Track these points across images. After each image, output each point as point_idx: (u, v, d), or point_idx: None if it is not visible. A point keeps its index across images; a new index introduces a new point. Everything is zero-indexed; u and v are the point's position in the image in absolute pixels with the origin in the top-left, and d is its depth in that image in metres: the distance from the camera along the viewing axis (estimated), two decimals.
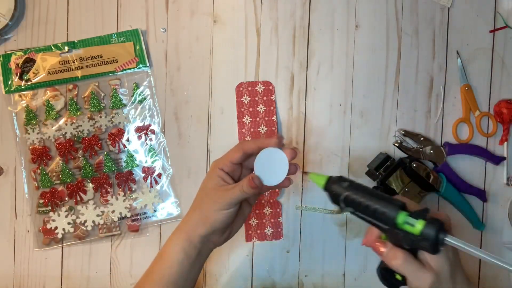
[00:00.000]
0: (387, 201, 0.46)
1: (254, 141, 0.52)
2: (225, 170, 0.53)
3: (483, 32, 0.73)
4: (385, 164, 0.69)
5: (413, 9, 0.73)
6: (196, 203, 0.55)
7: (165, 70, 0.73)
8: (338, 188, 0.48)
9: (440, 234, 0.43)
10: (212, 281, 0.73)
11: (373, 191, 0.47)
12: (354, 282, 0.73)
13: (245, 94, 0.73)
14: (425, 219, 0.44)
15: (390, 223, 0.45)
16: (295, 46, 0.73)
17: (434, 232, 0.43)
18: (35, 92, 0.72)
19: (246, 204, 0.57)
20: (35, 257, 0.73)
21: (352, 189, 0.48)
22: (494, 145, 0.73)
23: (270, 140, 0.51)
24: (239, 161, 0.53)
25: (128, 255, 0.73)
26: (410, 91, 0.73)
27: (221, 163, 0.53)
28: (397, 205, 0.45)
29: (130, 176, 0.72)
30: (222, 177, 0.53)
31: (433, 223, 0.43)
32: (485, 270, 0.73)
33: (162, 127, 0.73)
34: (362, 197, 0.47)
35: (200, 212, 0.53)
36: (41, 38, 0.73)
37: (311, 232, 0.73)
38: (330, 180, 0.49)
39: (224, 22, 0.73)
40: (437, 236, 0.43)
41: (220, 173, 0.53)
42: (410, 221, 0.44)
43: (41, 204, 0.71)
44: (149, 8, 0.73)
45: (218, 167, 0.53)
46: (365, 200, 0.46)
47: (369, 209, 0.46)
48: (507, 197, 0.73)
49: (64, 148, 0.71)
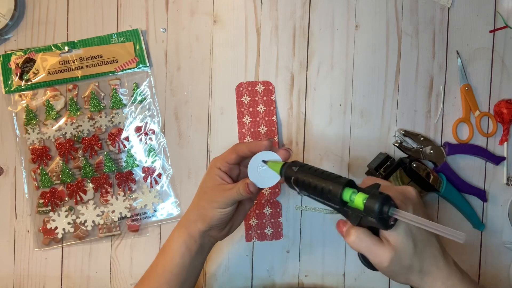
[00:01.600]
0: (333, 180, 0.46)
1: (247, 145, 0.53)
2: (222, 170, 0.54)
3: (483, 32, 0.73)
4: (385, 164, 0.69)
5: (413, 9, 0.73)
6: (195, 200, 0.56)
7: (165, 70, 0.73)
8: (290, 172, 0.49)
9: (384, 207, 0.42)
10: (212, 281, 0.73)
11: (323, 172, 0.47)
12: (354, 282, 0.73)
13: (245, 94, 0.73)
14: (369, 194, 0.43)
15: (338, 201, 0.45)
16: (295, 46, 0.73)
17: (377, 206, 0.42)
18: (35, 92, 0.72)
19: (247, 201, 0.57)
20: (35, 257, 0.73)
21: (301, 171, 0.48)
22: (494, 145, 0.73)
23: (261, 144, 0.52)
24: (234, 162, 0.54)
25: (128, 255, 0.73)
26: (410, 91, 0.73)
27: (218, 162, 0.54)
28: (342, 182, 0.45)
29: (130, 176, 0.72)
30: (220, 176, 0.53)
31: (376, 197, 0.42)
32: (485, 269, 0.73)
33: (162, 127, 0.73)
34: (310, 178, 0.47)
35: (198, 209, 0.54)
36: (41, 38, 0.73)
37: (311, 232, 0.73)
38: (283, 165, 0.50)
39: (224, 22, 0.73)
40: (380, 209, 0.42)
41: (218, 172, 0.54)
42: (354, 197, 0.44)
43: (41, 204, 0.71)
44: (149, 8, 0.73)
45: (216, 166, 0.54)
46: (313, 181, 0.47)
47: (317, 189, 0.46)
48: (507, 197, 0.73)
49: (64, 148, 0.71)
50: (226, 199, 0.52)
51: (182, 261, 0.54)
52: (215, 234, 0.56)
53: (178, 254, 0.54)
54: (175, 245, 0.55)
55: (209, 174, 0.54)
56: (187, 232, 0.55)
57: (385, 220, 0.43)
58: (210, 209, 0.53)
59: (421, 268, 0.46)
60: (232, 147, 0.54)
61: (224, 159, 0.53)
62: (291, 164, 0.50)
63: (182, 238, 0.55)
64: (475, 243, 0.73)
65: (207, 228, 0.54)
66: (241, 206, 0.56)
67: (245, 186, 0.50)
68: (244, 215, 0.58)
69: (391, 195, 0.44)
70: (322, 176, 0.47)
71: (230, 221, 0.56)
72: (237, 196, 0.51)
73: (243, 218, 0.58)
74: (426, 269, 0.46)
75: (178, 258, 0.54)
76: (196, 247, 0.55)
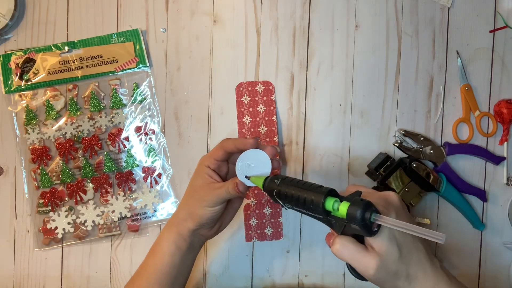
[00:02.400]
0: (314, 190, 0.46)
1: (233, 141, 0.53)
2: (211, 168, 0.54)
3: (483, 32, 0.73)
4: (385, 164, 0.69)
5: (413, 9, 0.73)
6: (185, 199, 0.56)
7: (165, 70, 0.73)
8: (272, 185, 0.49)
9: (366, 213, 0.42)
10: (212, 281, 0.73)
11: (304, 184, 0.47)
12: (354, 282, 0.73)
13: (245, 94, 0.73)
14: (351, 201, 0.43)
15: (321, 210, 0.45)
16: (295, 46, 0.73)
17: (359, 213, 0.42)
18: (35, 92, 0.72)
19: (236, 199, 0.58)
20: (35, 257, 0.73)
21: (283, 184, 0.48)
22: (494, 145, 0.73)
23: (247, 142, 0.52)
24: (222, 159, 0.54)
25: (128, 255, 0.73)
26: (410, 91, 0.73)
27: (206, 160, 0.54)
28: (324, 192, 0.45)
29: (130, 176, 0.72)
30: (209, 174, 0.54)
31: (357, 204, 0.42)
32: (485, 270, 0.73)
33: (162, 127, 0.73)
34: (292, 189, 0.47)
35: (188, 208, 0.55)
36: (41, 38, 0.73)
37: (311, 232, 0.73)
38: (265, 180, 0.50)
39: (224, 22, 0.73)
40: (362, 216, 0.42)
41: (207, 170, 0.54)
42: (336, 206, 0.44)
43: (41, 204, 0.71)
44: (149, 8, 0.73)
45: (204, 165, 0.54)
46: (295, 192, 0.47)
47: (300, 200, 0.46)
48: (507, 197, 0.73)
49: (64, 148, 0.71)
50: (216, 198, 0.52)
51: (172, 260, 0.54)
52: (205, 233, 0.56)
53: (168, 253, 0.54)
54: (165, 244, 0.55)
55: (198, 172, 0.55)
56: (177, 231, 0.55)
57: (368, 227, 0.43)
58: (200, 207, 0.53)
59: (407, 274, 0.46)
60: (219, 144, 0.54)
61: (212, 156, 0.54)
62: (273, 177, 0.50)
63: (172, 237, 0.55)
64: (475, 243, 0.73)
65: (196, 226, 0.54)
66: (231, 204, 0.57)
67: (234, 185, 0.51)
68: (234, 214, 0.58)
69: (373, 201, 0.44)
70: (303, 187, 0.47)
71: (220, 220, 0.56)
72: (226, 195, 0.52)
73: (233, 216, 0.59)
74: (413, 274, 0.46)
75: (168, 257, 0.54)
76: (186, 245, 0.55)
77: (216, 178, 0.54)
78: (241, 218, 0.72)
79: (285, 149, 0.73)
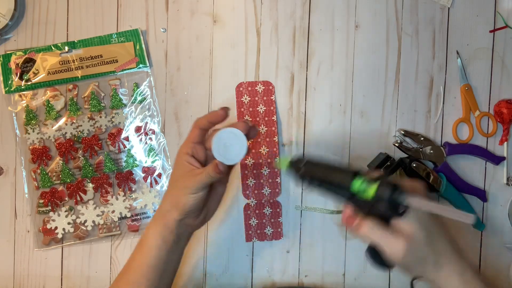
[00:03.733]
0: (342, 170, 0.46)
1: (204, 117, 0.54)
2: (189, 153, 0.54)
3: (483, 32, 0.73)
4: (385, 164, 0.69)
5: (413, 9, 0.73)
6: (167, 191, 0.56)
7: (165, 70, 0.73)
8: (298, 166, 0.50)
9: (394, 194, 0.42)
10: (212, 281, 0.73)
11: (331, 164, 0.48)
12: (354, 282, 0.73)
13: (245, 94, 0.73)
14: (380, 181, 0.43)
15: (348, 191, 0.45)
16: (295, 46, 0.73)
17: (388, 193, 0.42)
18: (35, 92, 0.72)
19: (219, 184, 0.57)
20: (35, 257, 0.73)
21: (309, 164, 0.49)
22: (494, 145, 0.73)
23: (217, 113, 0.54)
24: (198, 140, 0.54)
25: (128, 255, 0.71)
26: (410, 91, 0.73)
27: (184, 147, 0.55)
28: (351, 173, 0.45)
29: (130, 176, 0.72)
30: (188, 161, 0.54)
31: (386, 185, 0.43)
32: (485, 269, 0.73)
33: (162, 127, 0.73)
34: (319, 170, 0.48)
35: (171, 199, 0.55)
36: (41, 38, 0.73)
37: (311, 232, 0.73)
38: (291, 160, 0.51)
39: (224, 22, 0.73)
40: (391, 197, 0.42)
41: (186, 157, 0.54)
42: (364, 186, 0.44)
43: (41, 204, 0.71)
44: (149, 8, 0.73)
45: (182, 152, 0.54)
46: (321, 172, 0.47)
47: (327, 180, 0.47)
48: (507, 197, 0.73)
49: (64, 148, 0.71)
50: (197, 183, 0.52)
51: (159, 253, 0.54)
52: (191, 222, 0.55)
53: (154, 246, 0.54)
54: (151, 238, 0.54)
55: (177, 162, 0.55)
56: (163, 223, 0.54)
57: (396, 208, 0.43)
58: (183, 195, 0.53)
59: (436, 260, 0.46)
60: (192, 125, 0.55)
61: (189, 139, 0.54)
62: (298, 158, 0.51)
63: (158, 229, 0.54)
64: (475, 243, 0.73)
65: (182, 216, 0.53)
66: (214, 190, 0.56)
67: (214, 166, 0.51)
68: (219, 201, 0.58)
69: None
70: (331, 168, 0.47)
71: (205, 208, 0.56)
72: (207, 178, 0.51)
73: (218, 204, 0.58)
74: (441, 262, 0.46)
75: (154, 250, 0.54)
76: (172, 237, 0.54)
77: (196, 164, 0.54)
78: (241, 218, 0.72)
79: (285, 149, 0.73)
